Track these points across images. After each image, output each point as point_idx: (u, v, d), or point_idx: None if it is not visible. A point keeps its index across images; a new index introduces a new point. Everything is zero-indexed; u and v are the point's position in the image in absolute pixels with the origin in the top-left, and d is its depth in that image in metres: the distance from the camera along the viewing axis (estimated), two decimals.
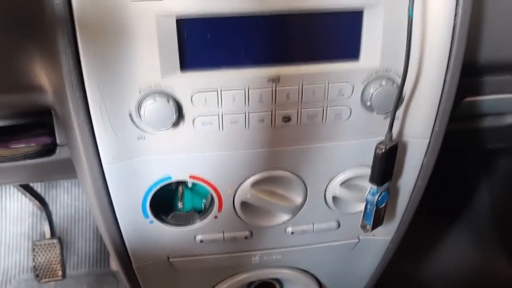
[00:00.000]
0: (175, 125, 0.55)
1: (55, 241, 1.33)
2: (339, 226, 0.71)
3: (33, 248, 1.32)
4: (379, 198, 0.62)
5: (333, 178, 0.64)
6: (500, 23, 0.62)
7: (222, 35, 0.52)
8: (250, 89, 0.54)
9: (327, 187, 0.65)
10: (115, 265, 1.33)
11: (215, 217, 0.66)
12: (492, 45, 0.63)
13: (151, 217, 0.64)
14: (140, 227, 0.65)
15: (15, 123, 0.64)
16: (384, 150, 0.58)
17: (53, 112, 0.62)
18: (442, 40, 0.55)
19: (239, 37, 0.52)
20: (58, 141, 0.67)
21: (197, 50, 0.52)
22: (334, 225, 0.70)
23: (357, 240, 0.75)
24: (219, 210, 0.65)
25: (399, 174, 0.66)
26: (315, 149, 0.61)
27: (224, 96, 0.54)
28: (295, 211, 0.67)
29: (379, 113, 0.58)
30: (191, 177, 0.60)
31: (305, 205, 0.66)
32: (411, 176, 0.66)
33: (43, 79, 0.55)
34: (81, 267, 1.34)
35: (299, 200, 0.66)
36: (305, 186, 0.65)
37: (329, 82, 0.55)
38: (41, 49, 0.53)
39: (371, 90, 0.56)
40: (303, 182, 0.64)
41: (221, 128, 0.56)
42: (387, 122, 0.58)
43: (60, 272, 1.32)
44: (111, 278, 1.33)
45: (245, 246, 0.72)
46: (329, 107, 0.57)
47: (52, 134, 0.66)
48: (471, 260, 1.34)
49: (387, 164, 0.60)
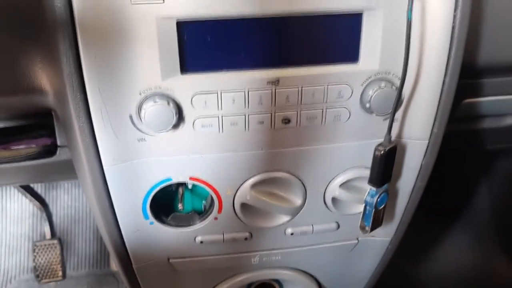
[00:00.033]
0: (175, 127, 0.55)
1: (55, 242, 1.33)
2: (338, 227, 0.71)
3: (34, 249, 1.33)
4: (378, 199, 0.63)
5: (332, 179, 0.65)
6: (498, 25, 0.62)
7: (222, 38, 0.52)
8: (250, 91, 0.54)
9: (326, 188, 0.65)
10: (115, 265, 1.33)
11: (215, 218, 0.66)
12: (491, 47, 0.63)
13: (151, 218, 0.64)
14: (140, 228, 0.65)
15: (16, 125, 0.64)
16: (383, 152, 0.59)
17: (53, 113, 0.63)
18: (441, 42, 0.55)
19: (239, 39, 0.52)
20: (58, 143, 0.67)
21: (197, 53, 0.52)
22: (333, 226, 0.71)
23: (356, 241, 0.75)
24: (219, 211, 0.65)
25: (398, 176, 0.66)
26: (314, 150, 0.61)
27: (224, 98, 0.54)
28: (295, 212, 0.67)
29: (378, 115, 0.58)
30: (191, 178, 0.61)
31: (304, 206, 0.67)
32: (410, 177, 0.66)
33: (44, 81, 0.56)
34: (81, 267, 1.34)
35: (298, 202, 0.66)
36: (304, 188, 0.65)
37: (328, 84, 0.55)
38: (42, 51, 0.54)
39: (370, 92, 0.56)
40: (303, 183, 0.64)
41: (221, 130, 0.57)
42: (386, 123, 0.58)
43: (60, 273, 1.32)
44: (111, 279, 1.33)
45: (245, 247, 0.72)
46: (329, 109, 0.57)
47: (52, 135, 0.66)
48: (470, 260, 1.34)
49: (386, 166, 0.60)
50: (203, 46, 0.52)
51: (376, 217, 0.65)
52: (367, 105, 0.57)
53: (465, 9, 0.54)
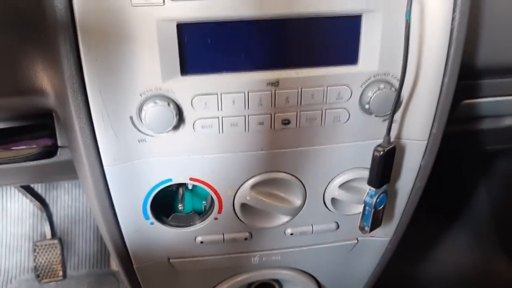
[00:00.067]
0: (176, 128, 0.55)
1: (55, 242, 1.33)
2: (338, 228, 0.71)
3: (34, 249, 1.33)
4: (378, 200, 0.63)
5: (331, 180, 0.65)
6: (496, 26, 0.62)
7: (222, 40, 0.52)
8: (250, 92, 0.55)
9: (326, 189, 0.66)
10: (115, 265, 1.33)
11: (215, 218, 0.66)
12: (489, 48, 0.63)
13: (151, 219, 0.64)
14: (141, 228, 0.65)
15: (17, 125, 0.65)
16: (382, 153, 0.59)
17: (54, 114, 0.63)
18: (439, 44, 0.55)
19: (239, 41, 0.53)
20: (59, 143, 0.67)
21: (197, 55, 0.53)
22: (333, 226, 0.71)
23: (355, 241, 0.75)
24: (219, 211, 0.65)
25: (397, 176, 0.66)
26: (314, 151, 0.61)
27: (224, 99, 0.55)
28: (294, 212, 0.67)
29: (377, 116, 0.59)
30: (192, 179, 0.61)
31: (304, 207, 0.67)
32: (409, 178, 0.67)
33: (45, 83, 0.56)
34: (81, 267, 1.35)
35: (298, 202, 0.66)
36: (304, 188, 0.65)
37: (327, 86, 0.56)
38: (43, 53, 0.54)
39: (370, 93, 0.56)
40: (302, 184, 0.64)
41: (221, 131, 0.57)
42: (385, 124, 0.58)
43: (60, 273, 1.32)
44: (111, 278, 1.34)
45: (245, 247, 0.72)
46: (328, 110, 0.58)
47: (53, 136, 0.66)
48: (470, 261, 1.34)
49: (385, 167, 0.61)
50: (203, 48, 0.52)
51: (375, 218, 0.65)
52: (366, 106, 0.57)
53: (464, 11, 0.54)
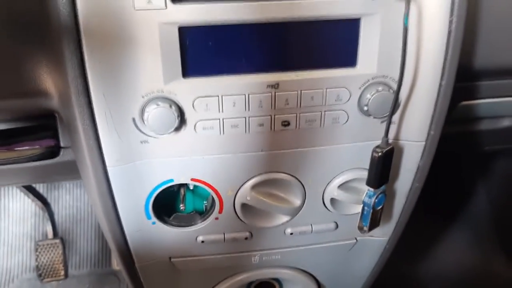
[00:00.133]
0: (177, 129, 0.56)
1: (57, 241, 1.34)
2: (337, 227, 0.72)
3: (36, 248, 1.33)
4: (376, 200, 0.63)
5: (331, 180, 0.66)
6: (494, 28, 0.62)
7: (223, 43, 0.53)
8: (250, 94, 0.55)
9: (325, 189, 0.66)
10: (117, 264, 1.34)
11: (216, 218, 0.67)
12: (486, 50, 0.63)
13: (153, 218, 0.65)
14: (142, 228, 0.66)
15: (20, 126, 0.65)
16: (381, 154, 0.59)
17: (57, 115, 0.63)
18: (437, 46, 0.56)
19: (240, 44, 0.53)
20: (62, 144, 0.67)
21: (199, 58, 0.53)
22: (332, 226, 0.71)
23: (354, 241, 0.76)
24: (220, 211, 0.66)
25: (395, 177, 0.67)
26: (313, 152, 0.62)
27: (225, 101, 0.55)
28: (294, 212, 0.68)
29: (376, 117, 0.59)
30: (193, 179, 0.61)
31: (303, 207, 0.67)
32: (407, 178, 0.67)
33: (49, 85, 0.56)
34: (83, 266, 1.35)
35: (298, 202, 0.67)
36: (303, 189, 0.66)
37: (327, 88, 0.56)
38: (47, 55, 0.54)
39: (368, 95, 0.57)
40: (302, 184, 0.65)
41: (222, 132, 0.57)
42: (384, 126, 0.59)
43: (62, 272, 1.32)
44: (113, 278, 1.34)
45: (245, 246, 0.73)
46: (327, 112, 0.58)
47: (56, 136, 0.66)
48: (470, 261, 1.34)
49: (384, 167, 0.61)
50: (204, 51, 0.53)
51: (374, 218, 0.65)
52: (365, 108, 0.57)
53: (461, 14, 0.54)
